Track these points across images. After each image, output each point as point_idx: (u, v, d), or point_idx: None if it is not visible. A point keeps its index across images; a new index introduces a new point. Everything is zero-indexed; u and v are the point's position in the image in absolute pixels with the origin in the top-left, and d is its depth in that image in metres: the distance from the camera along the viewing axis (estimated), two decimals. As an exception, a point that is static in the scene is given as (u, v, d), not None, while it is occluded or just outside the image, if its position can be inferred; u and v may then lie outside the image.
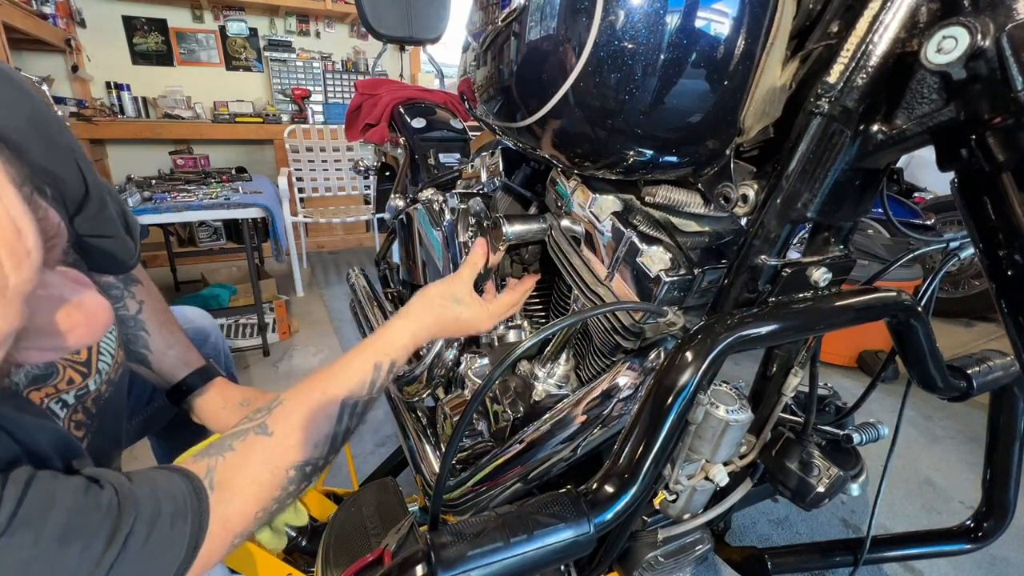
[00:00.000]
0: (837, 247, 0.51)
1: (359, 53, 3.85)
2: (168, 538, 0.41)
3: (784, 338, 0.45)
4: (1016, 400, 0.66)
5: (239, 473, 0.49)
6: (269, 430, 0.53)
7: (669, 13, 0.39)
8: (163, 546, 0.41)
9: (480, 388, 0.47)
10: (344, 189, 3.27)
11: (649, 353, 0.59)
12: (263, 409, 0.55)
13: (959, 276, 2.65)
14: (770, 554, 0.78)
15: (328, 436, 0.55)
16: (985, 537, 0.72)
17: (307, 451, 0.54)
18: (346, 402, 0.57)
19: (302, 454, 0.53)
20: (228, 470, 0.49)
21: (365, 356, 0.61)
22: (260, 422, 0.53)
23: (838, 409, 0.75)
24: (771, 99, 0.44)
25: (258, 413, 0.55)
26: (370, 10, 1.72)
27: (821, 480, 0.57)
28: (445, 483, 0.47)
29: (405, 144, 1.48)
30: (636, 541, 0.65)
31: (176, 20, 3.36)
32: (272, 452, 0.52)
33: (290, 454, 0.53)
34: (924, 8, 0.37)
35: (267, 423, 0.53)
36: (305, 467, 0.54)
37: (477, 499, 0.70)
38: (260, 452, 0.51)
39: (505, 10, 0.48)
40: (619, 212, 0.57)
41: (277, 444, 0.52)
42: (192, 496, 0.45)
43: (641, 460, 0.40)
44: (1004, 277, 0.39)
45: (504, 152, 0.81)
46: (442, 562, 0.35)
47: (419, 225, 1.33)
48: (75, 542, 0.36)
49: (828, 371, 2.22)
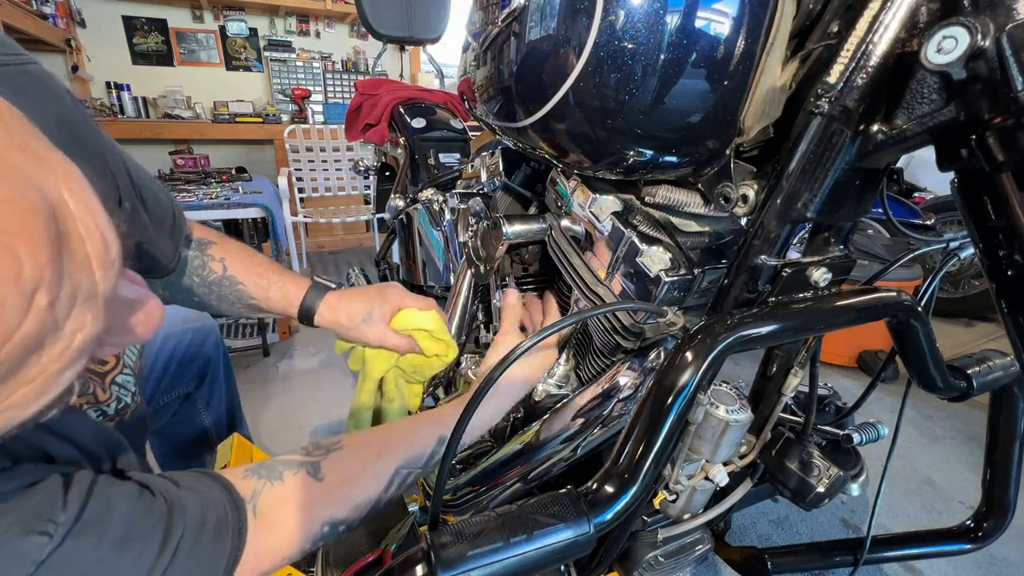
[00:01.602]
0: (837, 247, 0.51)
1: (359, 53, 3.85)
2: (211, 548, 0.42)
3: (784, 338, 0.45)
4: (1016, 400, 0.66)
5: (280, 509, 0.48)
6: (320, 474, 0.51)
7: (669, 13, 0.39)
8: (207, 555, 0.41)
9: (480, 388, 0.47)
10: (344, 189, 3.27)
11: (649, 353, 0.59)
12: (323, 447, 0.54)
13: (959, 276, 2.65)
14: (770, 554, 0.78)
15: (371, 501, 0.53)
16: (985, 537, 0.72)
17: (347, 510, 0.52)
18: (399, 470, 0.55)
19: (341, 512, 0.51)
20: (272, 501, 0.48)
21: (432, 427, 0.59)
22: (315, 461, 0.52)
23: (838, 409, 0.75)
24: (771, 99, 0.44)
25: (317, 449, 0.53)
26: (370, 10, 1.72)
27: (821, 480, 0.57)
28: (445, 483, 0.47)
29: (405, 144, 1.48)
30: (636, 541, 0.65)
31: (176, 20, 3.37)
32: (316, 500, 0.50)
33: (330, 508, 0.51)
34: (924, 8, 0.37)
35: (321, 465, 0.52)
36: (339, 526, 0.51)
37: (477, 499, 0.70)
38: (305, 495, 0.49)
39: (505, 10, 0.48)
40: (619, 212, 0.57)
41: (323, 493, 0.50)
42: (232, 510, 0.45)
43: (641, 460, 0.40)
44: (1004, 277, 0.39)
45: (504, 152, 0.81)
46: (442, 562, 0.35)
47: (419, 225, 1.33)
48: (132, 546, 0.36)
49: (828, 371, 2.22)
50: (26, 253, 0.21)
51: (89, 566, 0.34)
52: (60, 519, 0.33)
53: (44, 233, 0.22)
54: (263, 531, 0.46)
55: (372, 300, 0.71)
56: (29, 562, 0.31)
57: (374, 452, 0.55)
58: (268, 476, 0.49)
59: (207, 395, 1.12)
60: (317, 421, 1.81)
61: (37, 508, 0.33)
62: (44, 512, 0.33)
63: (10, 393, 0.23)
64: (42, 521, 0.32)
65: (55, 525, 0.32)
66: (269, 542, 0.47)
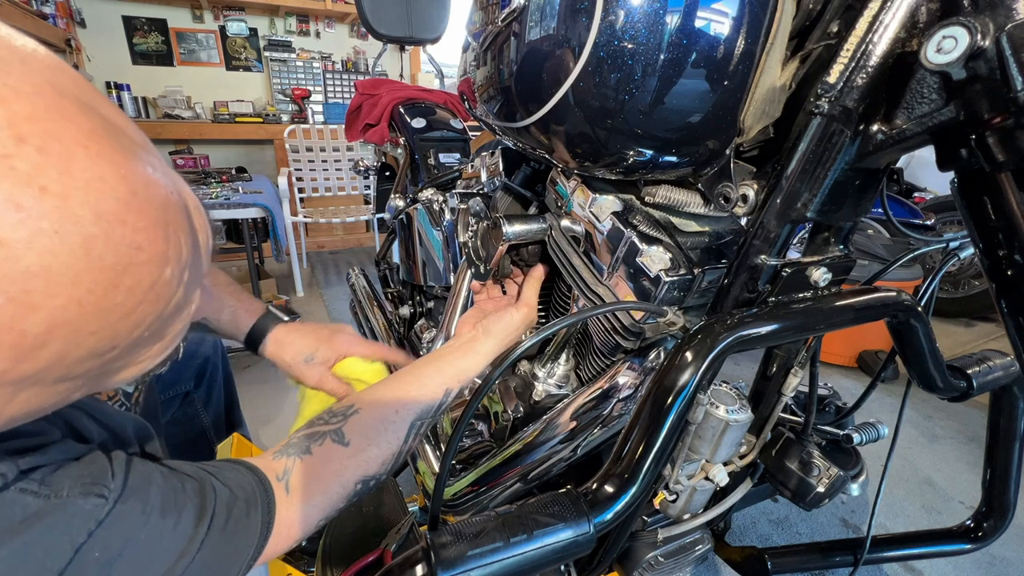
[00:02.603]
0: (837, 247, 0.51)
1: (359, 53, 3.85)
2: (244, 523, 0.44)
3: (784, 338, 0.45)
4: (1016, 400, 0.66)
5: (313, 480, 0.51)
6: (345, 439, 0.54)
7: (669, 13, 0.39)
8: (240, 530, 0.43)
9: (480, 388, 0.47)
10: (344, 189, 3.27)
11: (649, 353, 0.59)
12: (339, 413, 0.56)
13: (959, 276, 2.65)
14: (770, 554, 0.78)
15: (394, 454, 0.56)
16: (985, 537, 0.72)
17: (376, 467, 0.55)
18: (414, 423, 0.58)
19: (371, 469, 0.54)
20: (303, 475, 0.50)
21: (439, 380, 0.61)
22: (336, 427, 0.54)
23: (838, 409, 0.75)
24: (771, 99, 0.44)
25: (334, 417, 0.56)
26: (370, 10, 1.72)
27: (821, 480, 0.57)
28: (445, 483, 0.47)
29: (405, 144, 1.48)
30: (636, 541, 0.65)
31: (176, 20, 3.36)
32: (346, 464, 0.53)
33: (361, 468, 0.53)
34: (924, 8, 0.37)
35: (344, 431, 0.54)
36: (369, 482, 0.54)
37: (477, 499, 0.70)
38: (335, 462, 0.52)
39: (505, 10, 0.48)
40: (619, 212, 0.57)
41: (351, 456, 0.53)
42: (259, 488, 0.47)
43: (641, 460, 0.40)
44: (1004, 277, 0.39)
45: (504, 152, 0.81)
46: (442, 562, 0.35)
47: (419, 225, 1.33)
48: (170, 516, 0.39)
49: (828, 371, 2.22)
50: (184, 242, 0.27)
51: (136, 529, 0.36)
52: (111, 485, 0.36)
53: (187, 225, 0.28)
54: (296, 504, 0.49)
55: (319, 342, 0.71)
56: (92, 520, 0.34)
57: (391, 409, 0.57)
58: (297, 452, 0.52)
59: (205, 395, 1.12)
60: (317, 421, 1.80)
61: (93, 474, 0.35)
62: (98, 478, 0.35)
63: (152, 347, 0.29)
64: (97, 485, 0.35)
65: (108, 490, 0.35)
66: (303, 511, 0.49)
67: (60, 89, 0.23)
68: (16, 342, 0.22)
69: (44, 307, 0.22)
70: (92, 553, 0.33)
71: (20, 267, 0.21)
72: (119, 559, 0.35)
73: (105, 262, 0.23)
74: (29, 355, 0.22)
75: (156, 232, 0.25)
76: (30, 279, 0.21)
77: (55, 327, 0.23)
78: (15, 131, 0.20)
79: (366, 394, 0.59)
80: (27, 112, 0.21)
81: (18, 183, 0.20)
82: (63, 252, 0.22)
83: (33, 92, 0.22)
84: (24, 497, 0.31)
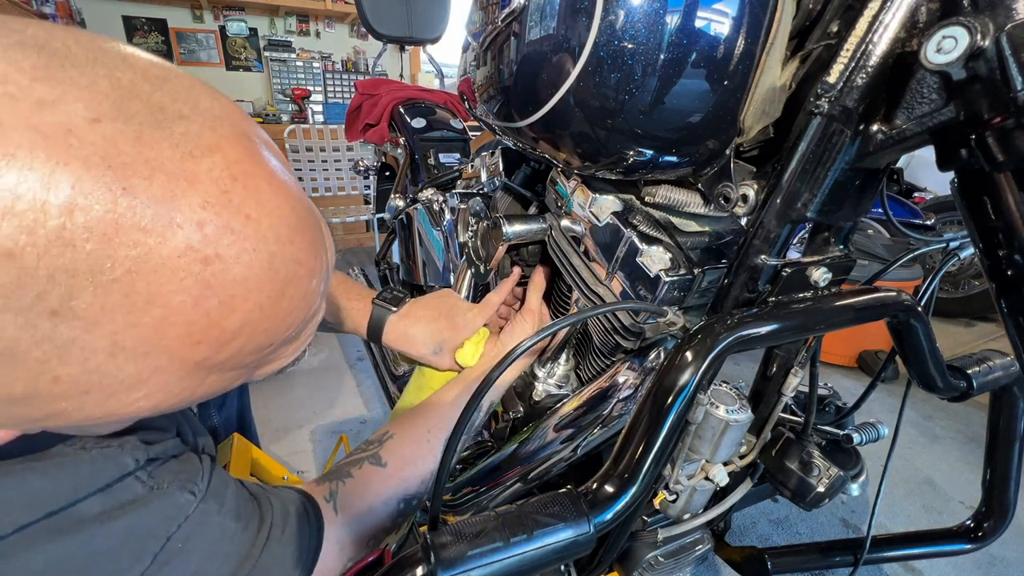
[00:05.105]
0: (837, 247, 0.51)
1: (359, 53, 3.85)
2: (296, 535, 0.47)
3: (784, 338, 0.45)
4: (1016, 400, 0.66)
5: (357, 500, 0.54)
6: (383, 461, 0.57)
7: (669, 13, 0.39)
8: (293, 541, 0.46)
9: (480, 388, 0.47)
10: (344, 189, 3.27)
11: (649, 353, 0.59)
12: (374, 442, 0.59)
13: (959, 276, 2.65)
14: (770, 554, 0.78)
15: (432, 472, 0.59)
16: (985, 537, 0.72)
17: (415, 486, 0.58)
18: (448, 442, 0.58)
19: (411, 488, 0.57)
20: (348, 496, 0.54)
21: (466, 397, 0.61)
22: (373, 453, 0.58)
23: (838, 409, 0.74)
24: (771, 99, 0.44)
25: (370, 445, 0.59)
26: (370, 10, 1.72)
27: (821, 480, 0.57)
28: (445, 483, 0.47)
29: (405, 144, 1.48)
30: (636, 541, 0.65)
31: (176, 20, 3.37)
32: (386, 483, 0.56)
33: (401, 487, 0.56)
34: (924, 8, 0.37)
35: (380, 455, 0.58)
36: (412, 500, 0.57)
37: (477, 499, 0.70)
38: (376, 483, 0.55)
39: (505, 10, 0.48)
40: (619, 212, 0.57)
41: (390, 476, 0.56)
42: (309, 505, 0.50)
43: (641, 460, 0.40)
44: (1004, 277, 0.39)
45: (504, 152, 0.81)
46: (442, 562, 0.35)
47: (419, 225, 1.33)
48: (241, 521, 0.43)
49: (828, 371, 2.22)
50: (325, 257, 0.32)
51: (213, 527, 0.40)
52: (200, 485, 0.40)
53: (325, 242, 0.33)
54: (344, 523, 0.52)
55: (442, 331, 0.71)
56: (182, 514, 0.38)
57: (423, 430, 0.61)
58: (338, 477, 0.55)
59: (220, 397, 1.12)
60: (317, 421, 1.81)
61: (188, 472, 0.40)
62: (192, 476, 0.40)
63: (291, 346, 0.33)
64: (191, 483, 0.39)
65: (198, 488, 0.40)
66: (351, 529, 0.52)
67: (247, 134, 0.28)
68: (219, 335, 0.27)
69: (240, 308, 0.27)
70: (176, 544, 0.37)
71: (230, 276, 0.26)
72: (195, 553, 0.39)
73: (279, 274, 0.28)
74: (224, 346, 0.27)
75: (311, 250, 0.30)
76: (235, 286, 0.26)
77: (243, 325, 0.27)
78: (230, 171, 0.26)
79: (399, 423, 0.62)
80: (236, 156, 0.26)
81: (233, 212, 0.26)
82: (256, 265, 0.27)
83: (235, 139, 0.27)
84: (135, 484, 0.36)
